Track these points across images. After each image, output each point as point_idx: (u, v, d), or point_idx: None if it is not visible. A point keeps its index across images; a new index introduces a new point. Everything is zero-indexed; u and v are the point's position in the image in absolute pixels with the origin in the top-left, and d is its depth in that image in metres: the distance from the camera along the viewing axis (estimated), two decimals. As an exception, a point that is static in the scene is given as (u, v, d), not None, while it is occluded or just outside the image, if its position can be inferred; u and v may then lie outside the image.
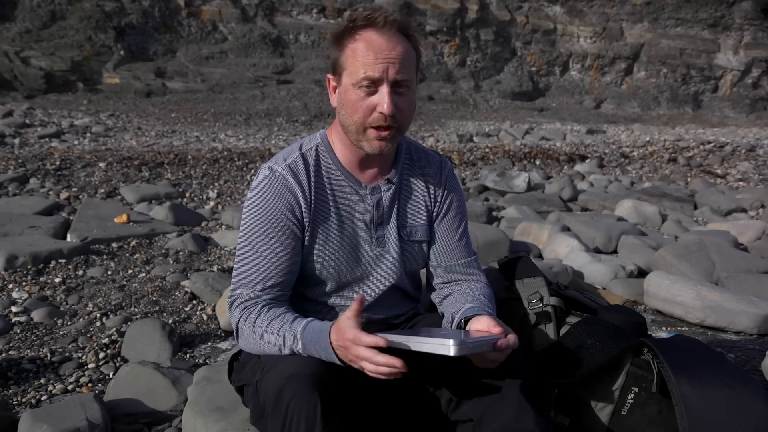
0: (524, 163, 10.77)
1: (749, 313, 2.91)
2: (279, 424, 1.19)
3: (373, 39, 1.30)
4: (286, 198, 1.40)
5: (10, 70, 20.57)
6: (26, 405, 2.18)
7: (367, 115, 1.33)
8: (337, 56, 1.36)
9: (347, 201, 1.46)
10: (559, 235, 4.46)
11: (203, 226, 5.38)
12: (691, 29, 32.05)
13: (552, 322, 1.63)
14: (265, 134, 15.69)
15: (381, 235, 1.48)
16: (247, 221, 1.43)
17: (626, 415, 1.45)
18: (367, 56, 1.29)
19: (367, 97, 1.31)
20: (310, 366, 1.24)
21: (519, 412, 1.26)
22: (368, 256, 1.48)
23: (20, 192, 6.42)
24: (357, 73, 1.30)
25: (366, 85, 1.30)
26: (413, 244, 1.52)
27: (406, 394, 1.47)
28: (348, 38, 1.34)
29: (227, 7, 26.60)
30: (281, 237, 1.40)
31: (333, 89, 1.42)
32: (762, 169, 10.72)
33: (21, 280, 3.55)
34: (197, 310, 3.18)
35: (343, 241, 1.45)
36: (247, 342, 1.40)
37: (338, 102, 1.39)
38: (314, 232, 1.43)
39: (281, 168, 1.41)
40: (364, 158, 1.44)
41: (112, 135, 13.48)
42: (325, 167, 1.45)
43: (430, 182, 1.53)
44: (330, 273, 1.46)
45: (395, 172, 1.49)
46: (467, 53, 29.63)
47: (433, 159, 1.56)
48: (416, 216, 1.52)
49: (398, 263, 1.50)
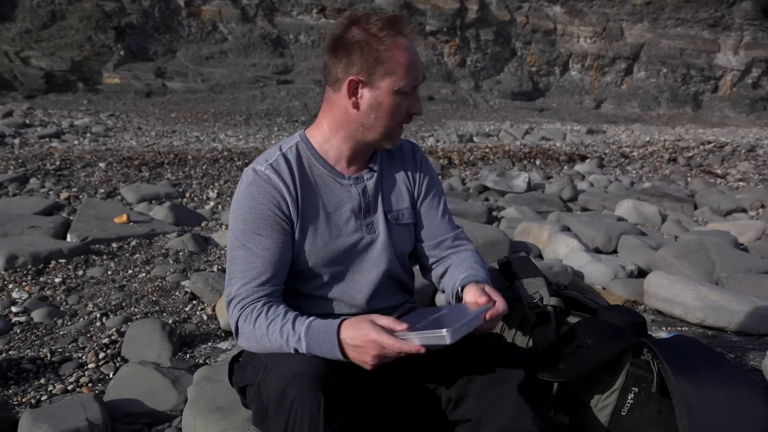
0: (524, 163, 10.78)
1: (749, 313, 2.91)
2: (282, 423, 1.20)
3: (410, 49, 1.40)
4: (272, 195, 1.42)
5: (10, 70, 20.58)
6: (26, 405, 2.18)
7: (401, 118, 1.44)
8: (371, 61, 1.37)
9: (333, 193, 1.48)
10: (559, 235, 4.46)
11: (203, 226, 5.38)
12: (691, 29, 32.06)
13: (552, 322, 1.63)
14: (265, 134, 15.70)
15: (370, 222, 1.51)
16: (236, 222, 1.44)
17: (626, 415, 1.45)
18: (410, 66, 1.40)
19: (403, 103, 1.42)
20: (313, 365, 1.24)
21: (518, 412, 1.27)
22: (360, 244, 1.50)
23: (20, 192, 6.42)
24: (403, 81, 1.39)
25: (407, 91, 1.41)
26: (401, 227, 1.56)
27: (405, 394, 1.48)
28: (381, 46, 1.37)
29: (227, 7, 26.61)
30: (271, 233, 1.41)
31: (353, 91, 1.41)
32: (762, 169, 10.73)
33: (21, 280, 3.55)
34: (197, 310, 3.18)
35: (333, 232, 1.47)
36: (247, 340, 1.40)
37: (368, 105, 1.41)
38: (303, 226, 1.44)
39: (264, 167, 1.44)
40: (353, 154, 1.49)
41: (112, 135, 13.48)
42: (308, 163, 1.48)
43: (407, 168, 1.60)
44: (323, 265, 1.47)
45: (375, 162, 1.55)
46: (467, 53, 29.64)
47: (406, 146, 1.63)
48: (400, 200, 1.57)
49: (389, 247, 1.52)
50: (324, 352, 1.26)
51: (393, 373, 1.50)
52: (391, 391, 1.48)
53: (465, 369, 1.33)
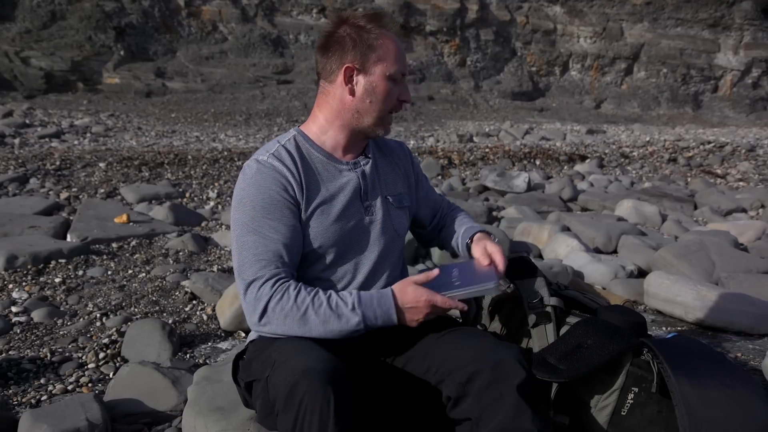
0: (524, 163, 10.78)
1: (749, 313, 2.91)
2: (291, 420, 1.20)
3: (395, 39, 1.52)
4: (278, 180, 1.46)
5: (10, 70, 20.58)
6: (26, 405, 2.18)
7: (393, 103, 1.54)
8: (363, 49, 1.48)
9: (333, 178, 1.54)
10: (559, 235, 4.46)
11: (203, 226, 5.38)
12: (691, 29, 32.06)
13: (552, 323, 1.63)
14: (265, 134, 15.70)
15: (369, 205, 1.58)
16: (243, 210, 1.45)
17: (626, 416, 1.45)
18: (399, 53, 1.52)
19: (394, 89, 1.52)
20: (323, 361, 1.25)
21: (517, 412, 1.27)
22: (361, 225, 1.56)
23: (20, 192, 6.42)
24: (394, 66, 1.50)
25: (397, 78, 1.51)
26: (401, 210, 1.66)
27: (406, 393, 1.48)
28: (371, 36, 1.48)
29: (227, 7, 26.61)
30: (281, 217, 1.45)
31: (349, 78, 1.50)
32: (762, 169, 10.73)
33: (21, 280, 3.56)
34: (197, 310, 3.18)
35: (338, 214, 1.51)
36: (282, 319, 1.38)
37: (363, 90, 1.50)
38: (309, 208, 1.49)
39: (266, 157, 1.49)
40: (349, 142, 1.58)
41: (112, 135, 13.48)
42: (307, 152, 1.54)
43: (398, 158, 1.73)
44: (329, 246, 1.51)
45: (370, 149, 1.64)
46: (467, 53, 29.63)
47: (392, 141, 1.77)
48: (396, 185, 1.67)
49: (390, 228, 1.60)
50: (379, 315, 1.38)
51: (395, 372, 1.51)
52: (392, 391, 1.48)
53: (465, 369, 1.34)
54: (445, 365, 1.39)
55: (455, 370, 1.36)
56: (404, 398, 1.48)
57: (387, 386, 1.49)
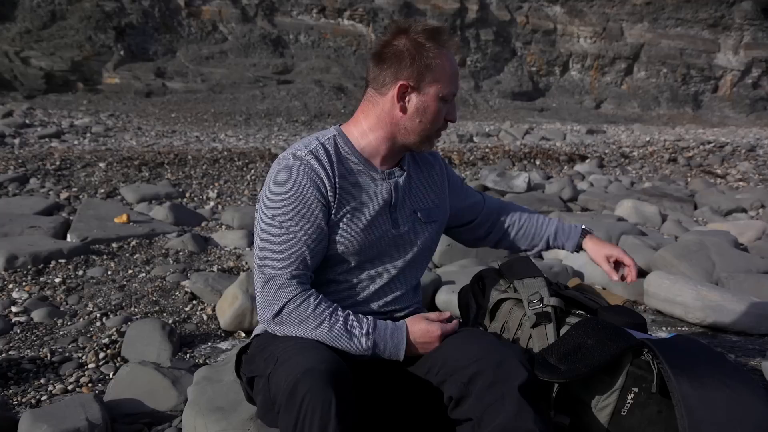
0: (524, 163, 10.77)
1: (749, 313, 2.91)
2: (292, 419, 1.20)
3: (453, 59, 1.52)
4: (313, 180, 1.45)
5: (10, 70, 20.56)
6: (26, 405, 2.18)
7: (441, 123, 1.53)
8: (421, 68, 1.46)
9: (367, 185, 1.53)
10: (559, 235, 4.45)
11: (203, 226, 5.38)
12: (691, 29, 32.05)
13: (552, 323, 1.63)
14: (265, 134, 15.69)
15: (398, 218, 1.57)
16: (273, 203, 1.45)
17: (626, 416, 1.45)
18: (454, 75, 1.51)
19: (443, 108, 1.51)
20: (326, 361, 1.25)
21: (519, 412, 1.27)
22: (387, 237, 1.55)
23: (20, 192, 6.41)
24: (447, 88, 1.49)
25: (449, 98, 1.51)
26: (429, 225, 1.64)
27: (407, 393, 1.48)
28: (429, 54, 1.46)
29: (227, 7, 26.60)
30: (311, 216, 1.44)
31: (401, 96, 1.48)
32: (762, 169, 10.72)
33: (21, 280, 3.55)
34: (197, 310, 3.18)
35: (365, 222, 1.51)
36: (294, 323, 1.39)
37: (414, 109, 1.49)
38: (338, 212, 1.48)
39: (304, 154, 1.48)
40: (389, 153, 1.56)
41: (112, 135, 13.47)
42: (345, 155, 1.53)
43: (432, 170, 1.71)
44: (351, 254, 1.51)
45: (404, 163, 1.62)
46: (467, 53, 29.63)
47: (425, 153, 1.73)
48: (428, 199, 1.65)
49: (414, 242, 1.60)
50: (388, 347, 1.41)
51: (395, 372, 1.51)
52: (393, 391, 1.48)
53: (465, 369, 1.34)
54: (447, 366, 1.39)
55: (457, 370, 1.36)
56: (405, 398, 1.48)
57: (388, 386, 1.49)
